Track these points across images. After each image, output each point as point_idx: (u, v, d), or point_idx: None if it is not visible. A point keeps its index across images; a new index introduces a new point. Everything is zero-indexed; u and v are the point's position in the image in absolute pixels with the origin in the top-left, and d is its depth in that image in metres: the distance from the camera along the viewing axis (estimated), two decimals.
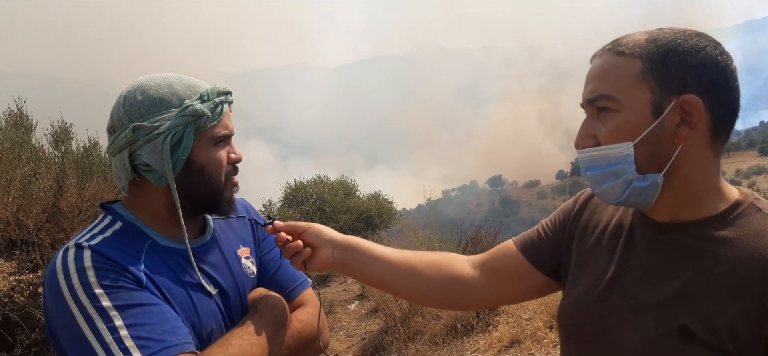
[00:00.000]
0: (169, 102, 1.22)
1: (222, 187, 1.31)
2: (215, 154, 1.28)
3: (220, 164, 1.29)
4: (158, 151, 1.20)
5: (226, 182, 1.32)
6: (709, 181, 1.04)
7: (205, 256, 1.33)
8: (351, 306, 6.88)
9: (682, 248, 1.02)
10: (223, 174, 1.30)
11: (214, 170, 1.28)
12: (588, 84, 1.07)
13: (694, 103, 0.97)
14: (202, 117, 1.22)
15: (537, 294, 1.37)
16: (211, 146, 1.27)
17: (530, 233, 1.38)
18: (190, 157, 1.24)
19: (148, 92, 1.22)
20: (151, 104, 1.21)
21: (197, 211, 1.33)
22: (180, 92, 1.23)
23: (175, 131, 1.20)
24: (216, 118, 1.26)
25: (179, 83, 1.25)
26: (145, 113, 1.21)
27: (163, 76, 1.27)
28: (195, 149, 1.24)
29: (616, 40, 1.06)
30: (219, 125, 1.27)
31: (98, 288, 1.09)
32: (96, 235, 1.20)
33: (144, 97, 1.22)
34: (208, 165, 1.27)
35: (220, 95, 1.28)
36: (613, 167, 1.03)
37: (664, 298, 1.01)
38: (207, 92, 1.25)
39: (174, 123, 1.20)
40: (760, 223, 0.99)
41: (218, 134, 1.28)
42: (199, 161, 1.26)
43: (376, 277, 1.41)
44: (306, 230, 1.39)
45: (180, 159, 1.22)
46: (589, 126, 1.07)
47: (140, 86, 1.24)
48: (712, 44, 1.00)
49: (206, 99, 1.24)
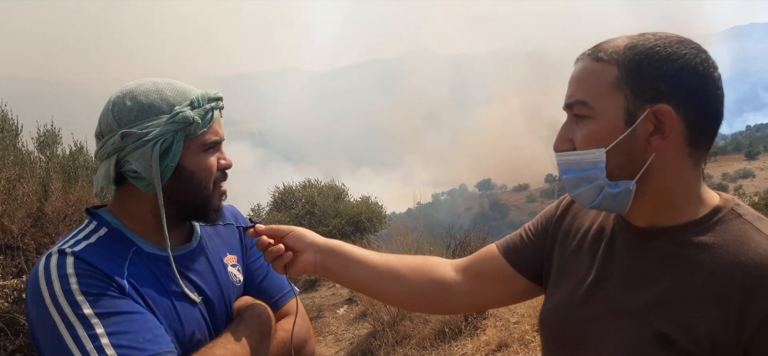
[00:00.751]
0: (159, 108, 1.20)
1: (210, 194, 1.29)
2: (205, 160, 1.27)
3: (210, 170, 1.28)
4: (147, 158, 1.18)
5: (215, 190, 1.31)
6: (688, 187, 1.03)
7: (190, 263, 1.32)
8: (340, 310, 6.86)
9: (662, 254, 1.02)
10: (212, 181, 1.29)
11: (204, 177, 1.27)
12: (568, 88, 1.08)
13: (667, 113, 0.97)
14: (192, 124, 1.21)
15: (520, 298, 1.37)
16: (201, 152, 1.26)
17: (513, 237, 1.38)
18: (180, 164, 1.23)
19: (138, 97, 1.21)
20: (141, 110, 1.20)
21: (185, 218, 1.31)
22: (170, 98, 1.22)
23: (165, 137, 1.19)
24: (206, 124, 1.24)
25: (170, 89, 1.24)
26: (134, 119, 1.19)
27: (153, 82, 1.26)
28: (185, 156, 1.23)
29: (597, 45, 1.06)
30: (209, 131, 1.26)
31: (80, 295, 1.08)
32: (80, 241, 1.18)
33: (133, 103, 1.20)
34: (198, 172, 1.26)
35: (211, 100, 1.26)
36: (586, 172, 1.04)
37: (643, 304, 1.00)
38: (197, 99, 1.23)
39: (163, 130, 1.18)
40: (740, 229, 0.98)
41: (209, 140, 1.26)
42: (189, 168, 1.24)
43: (359, 281, 1.40)
44: (288, 234, 1.38)
45: (169, 166, 1.21)
46: (567, 130, 1.08)
47: (130, 92, 1.22)
48: (694, 51, 0.98)
49: (197, 105, 1.23)
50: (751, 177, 27.62)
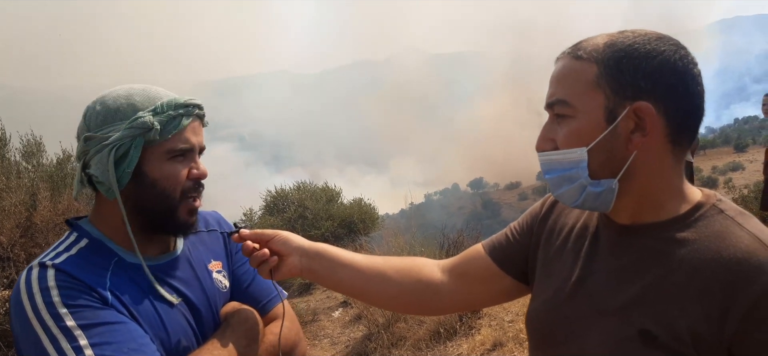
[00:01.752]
0: (124, 113, 1.20)
1: (176, 204, 1.26)
2: (170, 168, 1.23)
3: (175, 179, 1.24)
4: (103, 163, 1.18)
5: (183, 200, 1.27)
6: (670, 184, 1.03)
7: (174, 271, 1.31)
8: (335, 313, 6.84)
9: (644, 250, 1.02)
10: (178, 190, 1.25)
11: (168, 185, 1.23)
12: (549, 87, 1.07)
13: (647, 110, 0.97)
14: (151, 130, 1.18)
15: (506, 297, 1.37)
16: (165, 160, 1.23)
17: (498, 236, 1.38)
18: (143, 170, 1.21)
19: (107, 102, 1.21)
20: (107, 115, 1.20)
21: (154, 229, 1.27)
22: (137, 104, 1.21)
23: (122, 143, 1.18)
24: (170, 131, 1.21)
25: (140, 95, 1.23)
26: (100, 124, 1.19)
27: (128, 87, 1.25)
28: (148, 163, 1.21)
29: (576, 44, 1.06)
30: (175, 138, 1.23)
31: (62, 308, 1.07)
32: (61, 253, 1.18)
33: (102, 108, 1.21)
34: (162, 180, 1.23)
35: (180, 107, 1.23)
36: (568, 171, 1.03)
37: (626, 302, 1.00)
38: (162, 105, 1.21)
39: (121, 135, 1.17)
40: (722, 224, 0.98)
41: (175, 147, 1.23)
42: (151, 175, 1.22)
43: (345, 284, 1.39)
44: (273, 238, 1.37)
45: (126, 171, 1.19)
46: (549, 130, 1.08)
47: (102, 97, 1.23)
48: (673, 48, 0.98)
49: (159, 111, 1.20)
50: (741, 170, 27.83)
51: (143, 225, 1.25)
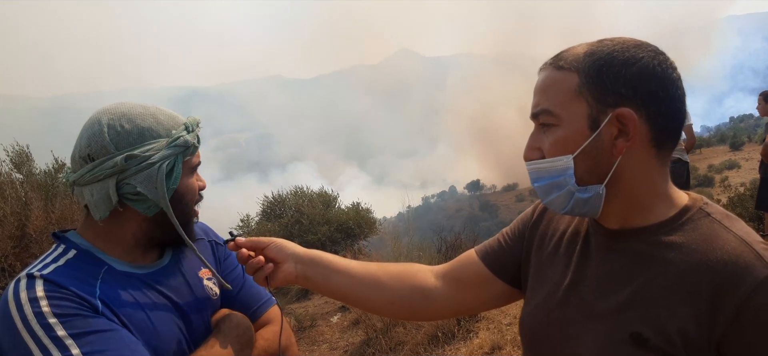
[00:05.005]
0: (156, 132, 1.23)
1: (192, 215, 1.34)
2: (191, 183, 1.31)
3: (195, 192, 1.33)
4: (153, 180, 1.20)
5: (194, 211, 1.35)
6: (656, 188, 1.05)
7: (165, 279, 1.31)
8: (333, 318, 6.82)
9: (634, 254, 1.04)
10: (194, 202, 1.34)
11: (191, 199, 1.32)
12: (533, 98, 1.09)
13: (629, 115, 0.98)
14: (189, 147, 1.26)
15: (500, 302, 1.38)
16: (188, 175, 1.30)
17: (491, 242, 1.39)
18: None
19: (135, 120, 1.23)
20: (140, 134, 1.22)
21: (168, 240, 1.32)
22: (164, 122, 1.26)
23: (169, 160, 1.22)
24: (197, 148, 1.31)
25: (161, 114, 1.28)
26: (134, 143, 1.21)
27: (142, 106, 1.28)
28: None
29: (558, 54, 1.08)
30: (195, 155, 1.32)
31: (52, 318, 1.06)
32: (48, 264, 1.17)
33: (132, 126, 1.22)
34: (186, 194, 1.30)
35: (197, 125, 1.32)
36: (555, 179, 1.05)
37: (617, 305, 1.02)
38: (190, 123, 1.29)
39: (167, 153, 1.22)
40: (709, 227, 1.00)
41: (195, 163, 1.32)
42: (180, 190, 1.28)
43: (340, 290, 1.40)
44: (268, 246, 1.38)
45: (171, 188, 1.24)
46: (535, 139, 1.10)
47: (124, 115, 1.23)
48: (651, 54, 1.00)
49: (191, 129, 1.28)
50: (737, 168, 27.88)
51: (158, 238, 1.30)
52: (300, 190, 11.45)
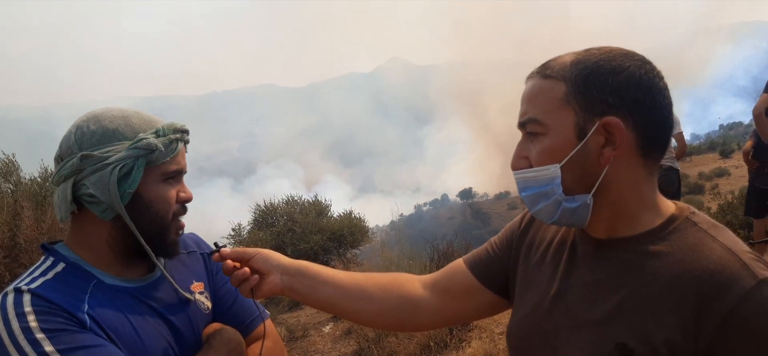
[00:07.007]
0: (123, 134, 1.20)
1: (168, 226, 1.27)
2: (164, 191, 1.25)
3: (169, 201, 1.26)
4: (105, 182, 1.17)
5: (173, 222, 1.29)
6: (644, 198, 1.05)
7: (155, 293, 1.30)
8: (325, 328, 6.78)
9: (620, 264, 1.03)
10: (170, 213, 1.27)
11: (162, 208, 1.25)
12: (521, 106, 1.09)
13: (616, 124, 0.98)
14: (154, 151, 1.20)
15: (488, 312, 1.38)
16: (160, 182, 1.25)
17: (479, 251, 1.39)
18: (139, 191, 1.21)
19: (103, 122, 1.21)
20: (104, 135, 1.19)
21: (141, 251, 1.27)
22: (136, 126, 1.22)
23: (125, 162, 1.18)
24: (169, 154, 1.24)
25: (136, 117, 1.24)
26: (96, 143, 1.19)
27: (121, 109, 1.26)
28: (144, 184, 1.22)
29: (545, 63, 1.08)
30: (171, 161, 1.25)
31: (40, 333, 1.06)
32: (36, 278, 1.16)
33: (97, 127, 1.20)
34: (156, 202, 1.24)
35: (177, 132, 1.26)
36: (543, 188, 1.05)
37: (603, 315, 1.01)
38: (163, 128, 1.24)
39: (125, 155, 1.18)
40: (695, 236, 1.00)
41: (169, 170, 1.25)
42: (147, 197, 1.23)
43: (327, 301, 1.38)
44: (253, 257, 1.36)
45: (127, 192, 1.19)
46: (522, 148, 1.09)
47: (95, 117, 1.22)
48: (638, 63, 1.00)
49: (161, 134, 1.23)
50: (727, 175, 28.09)
51: (131, 247, 1.25)
52: (291, 198, 11.42)
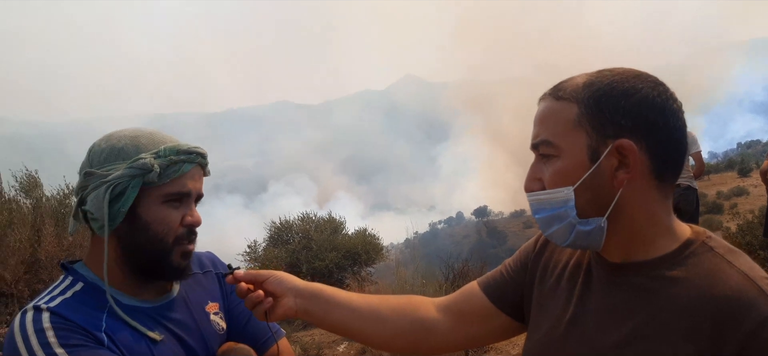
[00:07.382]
0: (126, 153, 1.22)
1: (169, 249, 1.25)
2: (164, 213, 1.24)
3: (169, 224, 1.25)
4: (99, 199, 1.19)
5: (176, 246, 1.27)
6: (658, 221, 1.03)
7: (170, 314, 1.31)
8: (340, 347, 6.75)
9: (636, 289, 1.02)
10: (171, 236, 1.25)
11: (161, 230, 1.24)
12: (533, 128, 1.09)
13: (629, 146, 0.97)
14: (151, 172, 1.19)
15: (503, 335, 1.36)
16: (160, 203, 1.24)
17: (494, 273, 1.37)
18: (137, 212, 1.22)
19: (112, 141, 1.23)
20: (110, 153, 1.22)
21: (144, 272, 1.27)
22: (141, 145, 1.23)
23: (119, 181, 1.18)
24: (170, 176, 1.22)
25: (146, 137, 1.24)
26: (102, 161, 1.21)
27: (135, 129, 1.28)
28: (143, 205, 1.22)
29: (557, 85, 1.08)
30: (173, 183, 1.23)
31: (59, 348, 1.08)
32: (56, 297, 1.18)
33: (107, 146, 1.23)
34: (155, 223, 1.23)
35: (182, 153, 1.24)
36: (557, 210, 1.04)
37: (619, 341, 1.00)
38: (164, 149, 1.23)
39: (121, 174, 1.18)
40: (711, 262, 0.98)
41: (170, 192, 1.24)
42: (145, 218, 1.23)
43: (340, 324, 1.37)
44: (267, 279, 1.35)
45: (120, 211, 1.20)
46: (536, 170, 1.09)
47: (109, 136, 1.25)
48: (651, 85, 0.99)
49: (161, 155, 1.22)
50: (746, 195, 27.59)
51: (135, 267, 1.25)
52: (307, 216, 11.45)
